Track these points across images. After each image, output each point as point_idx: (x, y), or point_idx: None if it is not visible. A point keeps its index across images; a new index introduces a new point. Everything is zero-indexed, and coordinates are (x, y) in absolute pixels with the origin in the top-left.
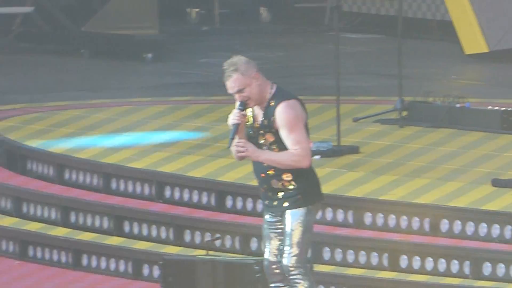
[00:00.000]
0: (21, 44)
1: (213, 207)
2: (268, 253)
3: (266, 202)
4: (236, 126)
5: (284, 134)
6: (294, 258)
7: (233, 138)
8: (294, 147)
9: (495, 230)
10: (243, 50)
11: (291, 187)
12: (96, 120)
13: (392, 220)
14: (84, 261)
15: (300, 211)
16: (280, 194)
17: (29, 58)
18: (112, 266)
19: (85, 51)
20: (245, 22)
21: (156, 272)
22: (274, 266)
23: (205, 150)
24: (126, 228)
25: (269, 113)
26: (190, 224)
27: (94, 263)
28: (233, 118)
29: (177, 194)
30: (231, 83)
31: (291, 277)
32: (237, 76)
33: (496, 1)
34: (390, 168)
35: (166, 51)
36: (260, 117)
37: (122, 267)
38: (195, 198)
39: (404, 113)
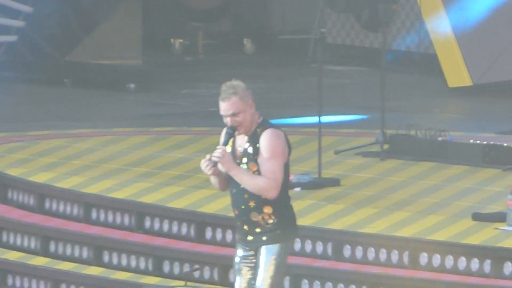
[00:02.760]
0: (4, 72)
1: (192, 238)
2: (239, 287)
3: (240, 236)
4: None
5: (262, 159)
6: None
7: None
8: (268, 175)
9: (475, 264)
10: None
11: (270, 221)
12: (78, 150)
13: (371, 253)
14: None
15: (276, 247)
16: (258, 229)
17: (12, 87)
18: None
19: (68, 81)
20: (229, 53)
21: None
22: None
23: (186, 181)
24: (106, 258)
25: (255, 140)
26: (169, 254)
27: None
28: (214, 155)
29: (157, 225)
30: (228, 105)
31: None
32: (235, 99)
33: (480, 35)
34: (370, 201)
35: (149, 81)
36: (243, 145)
37: None
38: (174, 228)
39: (386, 146)
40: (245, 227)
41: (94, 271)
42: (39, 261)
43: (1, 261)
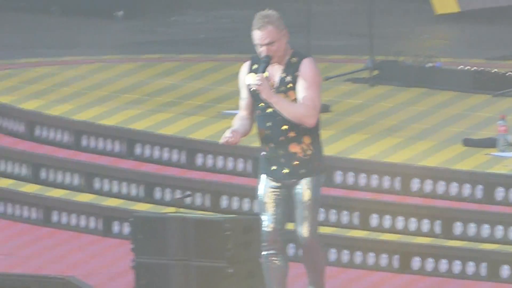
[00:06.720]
0: None
1: (183, 165)
2: (271, 221)
3: (275, 167)
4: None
5: (302, 86)
6: (314, 228)
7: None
8: (307, 102)
9: (466, 189)
10: (215, 8)
11: (309, 152)
12: (67, 77)
13: (362, 178)
14: (54, 217)
15: (313, 181)
16: (296, 162)
17: None
18: (82, 223)
19: (56, 8)
20: None
21: (126, 229)
22: (276, 234)
23: (176, 108)
24: (97, 185)
25: (292, 69)
26: (160, 181)
27: (64, 219)
28: (253, 81)
29: (147, 151)
30: (264, 34)
31: (312, 247)
32: (271, 28)
33: None
34: (361, 127)
35: (137, 8)
36: (279, 75)
37: (92, 224)
38: (165, 155)
39: (375, 72)
40: (282, 159)
41: (85, 198)
42: (30, 188)
43: None
